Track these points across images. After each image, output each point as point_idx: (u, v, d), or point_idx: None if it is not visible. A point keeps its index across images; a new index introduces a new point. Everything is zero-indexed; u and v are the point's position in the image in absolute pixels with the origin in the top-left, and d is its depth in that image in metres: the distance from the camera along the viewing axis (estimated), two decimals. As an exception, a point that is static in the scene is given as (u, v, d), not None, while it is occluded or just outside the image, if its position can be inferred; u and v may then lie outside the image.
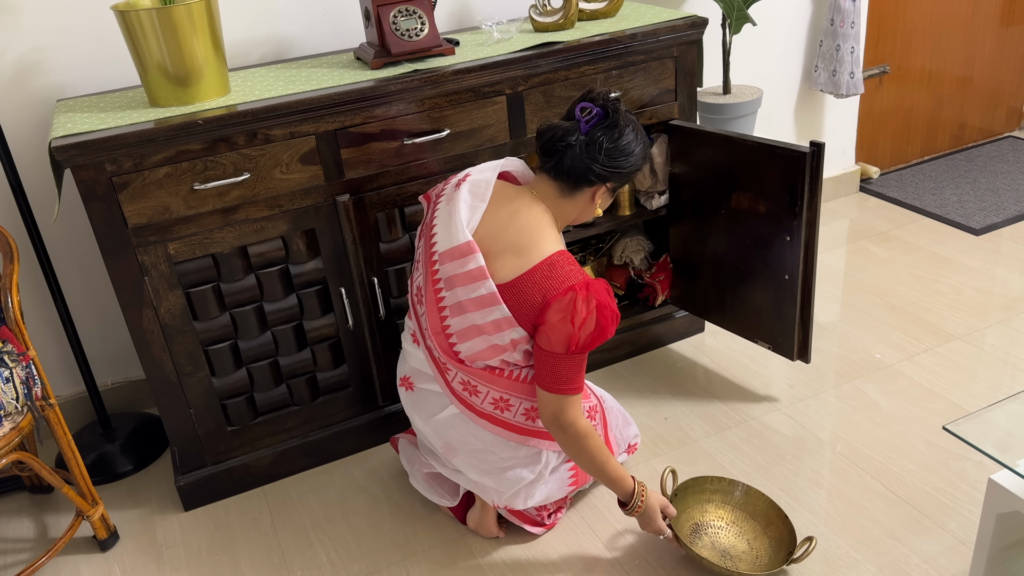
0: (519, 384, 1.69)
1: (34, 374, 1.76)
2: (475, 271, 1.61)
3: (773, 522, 1.82)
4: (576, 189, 1.68)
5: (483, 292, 1.61)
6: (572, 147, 1.64)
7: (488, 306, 1.61)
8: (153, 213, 1.80)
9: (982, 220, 3.12)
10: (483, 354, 1.66)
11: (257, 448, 2.12)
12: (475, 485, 1.83)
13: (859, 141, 3.43)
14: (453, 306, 1.65)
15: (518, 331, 1.62)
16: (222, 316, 1.95)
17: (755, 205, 2.09)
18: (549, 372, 1.61)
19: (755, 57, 3.01)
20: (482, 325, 1.62)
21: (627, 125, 1.66)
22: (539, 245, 1.62)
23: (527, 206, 1.67)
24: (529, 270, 1.60)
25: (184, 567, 1.93)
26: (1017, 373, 2.30)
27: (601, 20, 2.28)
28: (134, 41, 1.80)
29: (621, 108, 1.67)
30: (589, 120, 1.64)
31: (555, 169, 1.67)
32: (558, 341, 1.58)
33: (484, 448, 1.75)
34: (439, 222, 1.69)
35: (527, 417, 1.72)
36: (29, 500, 2.18)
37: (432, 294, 1.68)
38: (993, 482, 1.40)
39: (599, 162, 1.64)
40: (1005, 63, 3.68)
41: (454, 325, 1.66)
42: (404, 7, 1.98)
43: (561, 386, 1.61)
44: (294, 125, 1.85)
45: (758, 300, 2.18)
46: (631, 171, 1.69)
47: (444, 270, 1.65)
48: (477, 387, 1.69)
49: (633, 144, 1.66)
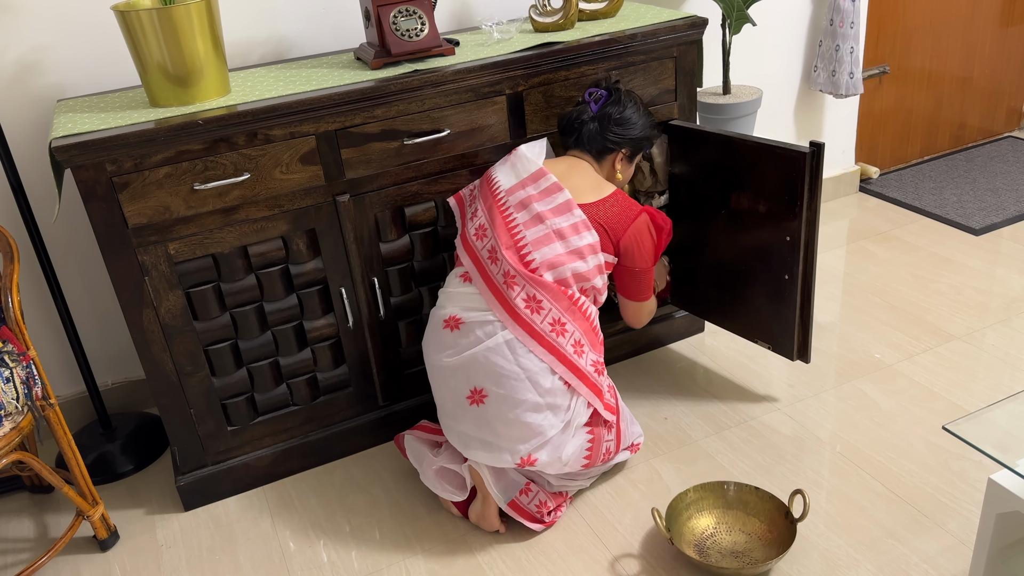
0: (578, 311, 1.84)
1: (34, 374, 1.77)
2: (551, 187, 1.86)
3: (750, 501, 1.86)
4: (600, 158, 1.98)
5: (561, 200, 1.85)
6: (586, 124, 1.95)
7: (567, 211, 1.84)
8: (153, 213, 1.80)
9: (982, 220, 3.13)
10: (559, 259, 1.82)
11: (257, 448, 2.12)
12: (493, 448, 1.81)
13: (859, 141, 3.43)
14: (527, 221, 1.84)
15: (594, 235, 1.85)
16: (222, 316, 1.95)
17: (755, 205, 2.09)
18: (636, 286, 1.98)
19: (755, 57, 3.01)
20: (561, 228, 1.83)
21: (629, 100, 1.97)
22: (606, 184, 1.94)
23: (578, 164, 1.96)
24: (606, 196, 1.90)
25: (184, 567, 1.93)
26: (1017, 373, 2.30)
27: (601, 20, 2.28)
28: (134, 41, 1.80)
29: (622, 88, 1.99)
30: (598, 100, 1.96)
31: (577, 143, 1.98)
32: (647, 254, 1.93)
33: (525, 378, 1.78)
34: (499, 174, 1.92)
35: (575, 350, 1.83)
36: (29, 500, 2.18)
37: (500, 219, 1.86)
38: (993, 482, 1.40)
39: (612, 131, 1.95)
40: (1005, 63, 3.68)
41: (528, 235, 1.83)
42: (404, 7, 1.98)
43: (644, 294, 2.00)
44: (294, 125, 1.85)
45: (758, 300, 2.18)
46: (640, 136, 1.99)
47: (514, 197, 1.87)
48: (542, 303, 1.81)
49: (635, 116, 1.97)
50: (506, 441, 1.81)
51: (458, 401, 1.85)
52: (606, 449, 1.93)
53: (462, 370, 1.82)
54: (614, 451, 1.96)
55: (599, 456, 1.91)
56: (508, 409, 1.79)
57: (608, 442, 1.93)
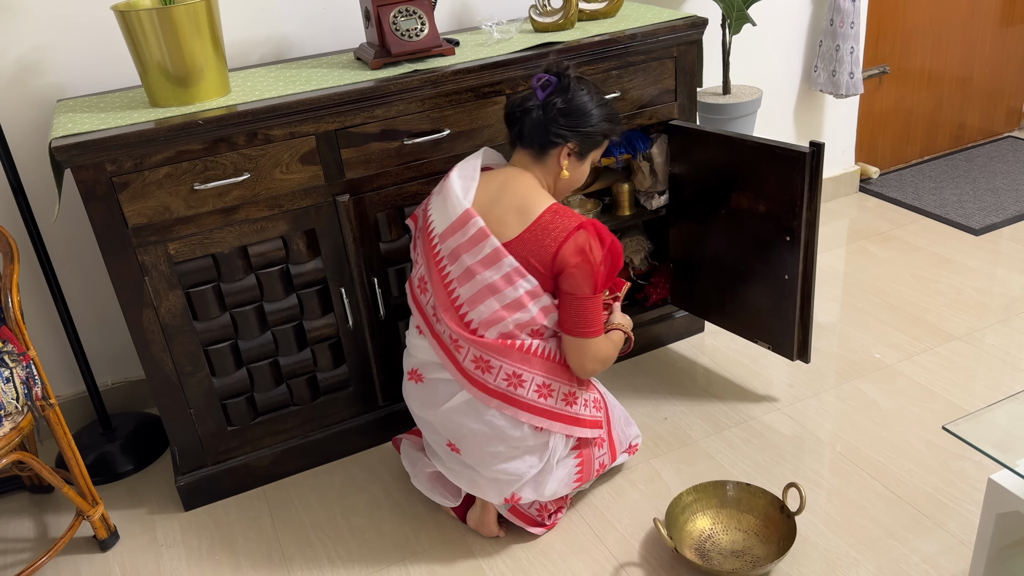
0: (531, 357, 1.72)
1: (34, 374, 1.77)
2: (477, 234, 1.69)
3: (743, 499, 1.86)
4: (543, 153, 1.77)
5: (488, 250, 1.68)
6: (529, 112, 1.75)
7: (496, 262, 1.68)
8: (153, 213, 1.80)
9: (982, 220, 3.13)
10: (497, 315, 1.69)
11: (257, 448, 2.12)
12: (478, 485, 1.83)
13: (859, 141, 3.43)
14: (460, 276, 1.71)
15: (530, 281, 1.69)
16: (222, 316, 1.95)
17: (755, 205, 2.09)
18: (573, 317, 1.71)
19: (755, 57, 3.01)
20: (493, 282, 1.68)
21: (580, 88, 1.75)
22: (536, 201, 1.72)
23: (514, 176, 1.77)
24: (534, 221, 1.69)
25: (184, 567, 1.93)
26: (1017, 373, 2.30)
27: (601, 20, 2.28)
28: (134, 41, 1.80)
29: (572, 74, 1.77)
30: (545, 87, 1.75)
31: (519, 136, 1.78)
32: (584, 281, 1.68)
33: (493, 434, 1.75)
34: (434, 211, 1.78)
35: (539, 394, 1.74)
36: (29, 500, 2.18)
37: (436, 274, 1.74)
38: (993, 482, 1.40)
39: (555, 123, 1.73)
40: (1005, 63, 3.68)
41: (463, 294, 1.71)
42: (404, 7, 1.98)
43: (585, 329, 1.72)
44: (294, 125, 1.85)
45: (758, 300, 2.18)
46: (591, 131, 1.76)
47: (446, 246, 1.73)
48: (490, 362, 1.71)
49: (588, 104, 1.75)
50: (488, 484, 1.82)
51: (439, 445, 1.86)
52: (599, 464, 1.92)
53: (435, 424, 1.82)
54: (608, 463, 1.95)
55: (591, 473, 1.90)
56: (481, 461, 1.79)
57: (600, 456, 1.92)
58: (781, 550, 1.75)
